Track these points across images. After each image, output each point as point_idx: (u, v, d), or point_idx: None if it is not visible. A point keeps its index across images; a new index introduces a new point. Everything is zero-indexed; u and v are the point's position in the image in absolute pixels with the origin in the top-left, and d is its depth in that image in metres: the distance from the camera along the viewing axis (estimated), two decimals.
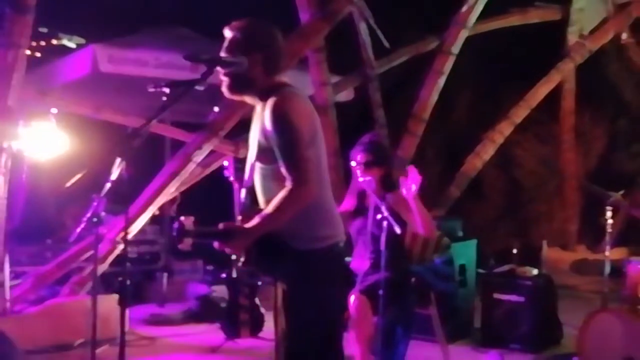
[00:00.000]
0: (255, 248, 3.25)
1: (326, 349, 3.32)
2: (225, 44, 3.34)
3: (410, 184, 4.74)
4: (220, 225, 3.25)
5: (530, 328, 6.20)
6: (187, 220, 3.19)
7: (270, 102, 3.19)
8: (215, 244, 3.25)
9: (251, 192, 3.37)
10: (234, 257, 3.33)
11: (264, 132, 3.22)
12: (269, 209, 3.19)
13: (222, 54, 3.33)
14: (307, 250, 3.25)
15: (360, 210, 5.12)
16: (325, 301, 3.29)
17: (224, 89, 3.34)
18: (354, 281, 4.83)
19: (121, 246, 6.36)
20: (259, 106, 3.35)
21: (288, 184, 3.15)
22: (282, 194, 3.16)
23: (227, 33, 3.35)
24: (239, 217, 3.34)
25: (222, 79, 3.32)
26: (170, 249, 8.01)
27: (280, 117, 3.16)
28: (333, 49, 7.62)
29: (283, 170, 3.17)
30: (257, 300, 6.29)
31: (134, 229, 6.66)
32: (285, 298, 3.30)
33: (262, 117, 3.25)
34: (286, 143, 3.16)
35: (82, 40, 7.08)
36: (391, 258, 4.67)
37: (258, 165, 3.31)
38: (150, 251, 8.24)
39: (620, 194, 5.56)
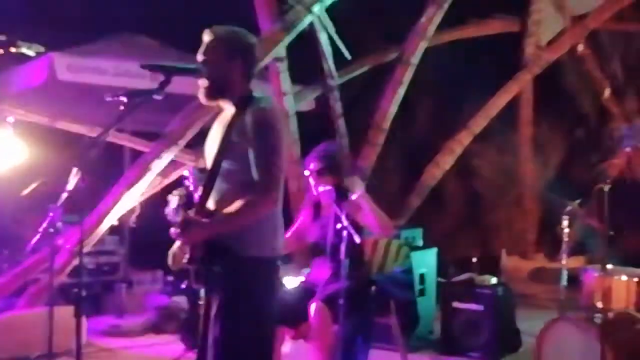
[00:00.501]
0: (204, 246, 3.24)
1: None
2: (204, 47, 3.34)
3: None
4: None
5: (489, 336, 6.24)
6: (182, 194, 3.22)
7: (257, 107, 3.24)
8: (172, 231, 3.23)
9: (207, 190, 3.34)
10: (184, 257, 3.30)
11: (241, 131, 3.22)
12: (233, 208, 3.19)
13: (199, 57, 3.34)
14: (256, 258, 3.26)
15: (317, 220, 5.14)
16: (265, 310, 3.31)
17: (201, 95, 3.35)
18: (313, 291, 4.83)
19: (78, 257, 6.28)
20: (229, 110, 3.35)
21: (259, 189, 3.17)
22: (249, 196, 3.16)
23: (208, 36, 3.35)
24: (192, 212, 3.32)
25: (201, 83, 3.32)
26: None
27: (268, 124, 3.22)
28: (294, 59, 7.63)
29: (255, 173, 3.18)
30: None
31: (92, 240, 6.59)
32: (224, 305, 3.26)
33: (238, 119, 3.24)
34: (268, 149, 3.20)
35: (41, 49, 6.99)
36: (351, 267, 4.67)
37: (223, 165, 3.29)
38: (109, 262, 8.15)
39: (577, 203, 5.64)
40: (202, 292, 3.52)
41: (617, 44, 11.07)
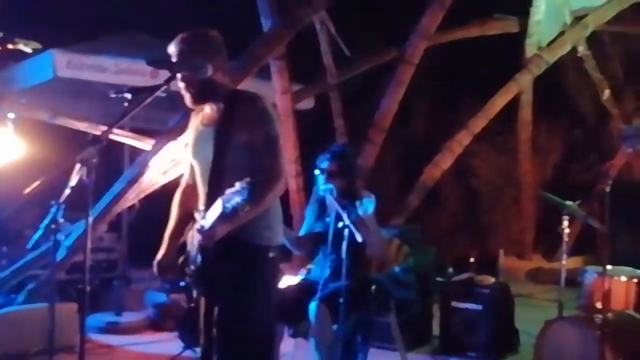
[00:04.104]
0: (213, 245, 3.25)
1: (266, 351, 3.39)
2: (180, 57, 3.31)
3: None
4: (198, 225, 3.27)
5: (487, 336, 6.24)
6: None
7: (252, 100, 3.28)
8: (197, 235, 3.25)
9: (214, 188, 3.31)
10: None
11: (241, 126, 3.24)
12: (247, 202, 3.17)
13: (176, 69, 3.31)
14: (261, 246, 3.32)
15: (320, 218, 5.14)
16: (268, 298, 3.35)
17: (188, 100, 3.34)
18: (313, 289, 4.83)
19: (79, 253, 6.29)
20: (214, 108, 3.37)
21: (265, 177, 3.20)
22: (258, 187, 3.14)
23: (177, 47, 3.33)
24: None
25: (185, 90, 3.31)
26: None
27: (267, 114, 3.26)
28: (294, 57, 7.63)
29: (261, 162, 3.21)
30: None
31: (92, 237, 6.57)
32: (229, 297, 3.31)
33: (232, 115, 3.26)
34: (270, 139, 3.24)
35: (38, 46, 7.00)
36: (352, 266, 4.67)
37: (227, 161, 3.29)
38: (108, 259, 8.15)
39: (577, 204, 5.64)
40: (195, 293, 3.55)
41: (616, 45, 11.10)
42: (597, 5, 9.75)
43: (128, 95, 3.09)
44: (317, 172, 5.07)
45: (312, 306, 4.74)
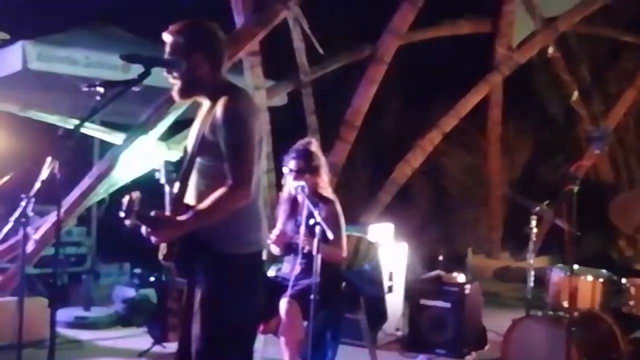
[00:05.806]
0: (180, 244, 3.23)
1: (239, 356, 3.33)
2: (168, 48, 3.31)
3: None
4: (152, 213, 3.23)
5: (455, 333, 6.31)
6: (136, 197, 3.16)
7: (226, 99, 3.20)
8: (143, 230, 3.22)
9: (183, 186, 3.32)
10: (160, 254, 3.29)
11: (213, 127, 3.20)
12: (205, 204, 3.18)
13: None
14: (232, 255, 3.24)
15: (292, 216, 5.16)
16: (243, 308, 3.28)
17: (175, 93, 3.32)
18: (284, 286, 4.84)
19: (47, 247, 6.23)
20: (206, 104, 3.34)
21: (229, 183, 3.15)
22: (220, 191, 3.15)
23: (167, 37, 3.32)
24: (168, 209, 3.31)
25: (172, 82, 3.30)
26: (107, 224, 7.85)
27: (235, 116, 3.18)
28: (267, 54, 7.62)
29: (226, 167, 3.16)
30: None
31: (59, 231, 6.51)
32: (203, 301, 3.25)
33: (211, 113, 3.23)
34: (236, 142, 3.17)
35: (6, 36, 6.92)
36: (322, 263, 4.68)
37: (198, 160, 3.29)
38: (76, 253, 8.10)
39: (545, 204, 5.71)
40: (181, 283, 3.50)
41: (585, 48, 11.23)
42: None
43: (100, 89, 3.06)
44: (285, 170, 5.10)
45: (283, 303, 4.76)
